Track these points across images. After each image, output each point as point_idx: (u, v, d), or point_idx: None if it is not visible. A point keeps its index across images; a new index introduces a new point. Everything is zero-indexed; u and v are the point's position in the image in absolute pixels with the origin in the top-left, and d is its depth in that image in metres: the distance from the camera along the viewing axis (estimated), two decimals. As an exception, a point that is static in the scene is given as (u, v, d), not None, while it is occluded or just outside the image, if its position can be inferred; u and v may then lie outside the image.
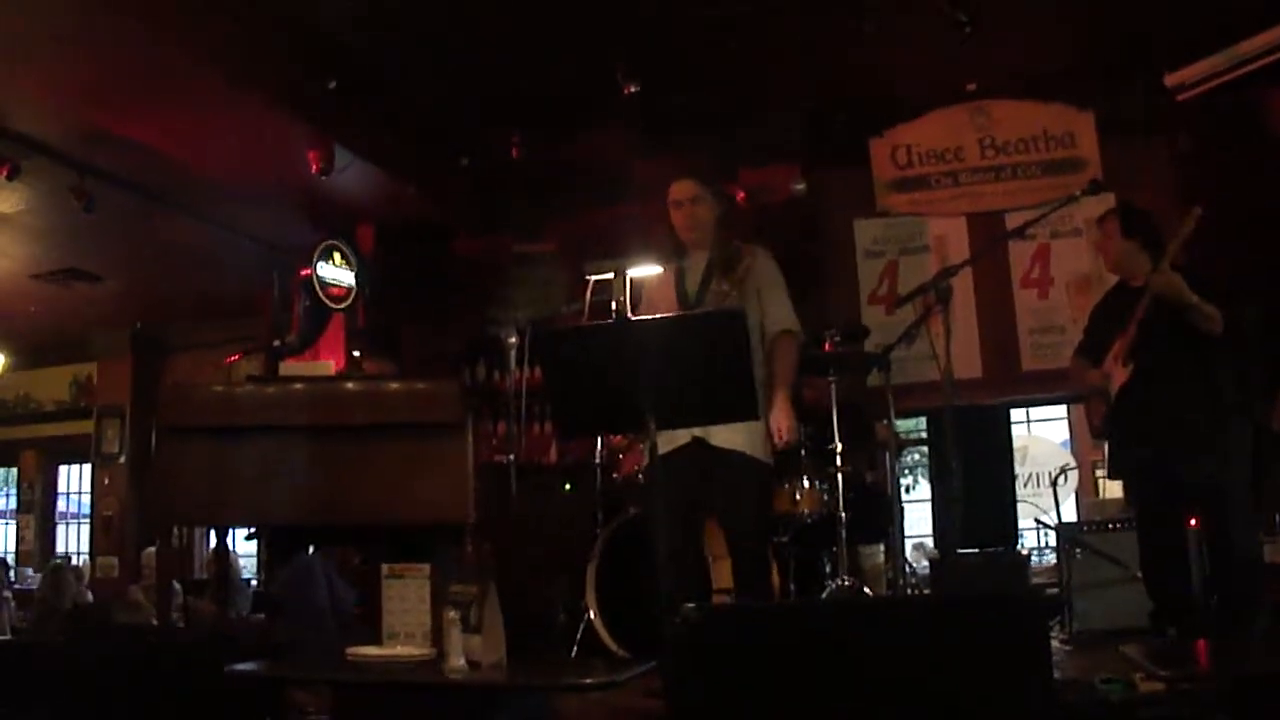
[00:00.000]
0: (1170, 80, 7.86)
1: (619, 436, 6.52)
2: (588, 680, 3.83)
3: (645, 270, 5.08)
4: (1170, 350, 5.23)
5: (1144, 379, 5.31)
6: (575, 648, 5.77)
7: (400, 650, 4.11)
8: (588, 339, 4.23)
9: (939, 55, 8.12)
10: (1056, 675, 4.01)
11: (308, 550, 6.33)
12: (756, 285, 5.06)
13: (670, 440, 4.78)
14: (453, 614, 3.83)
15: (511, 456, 5.60)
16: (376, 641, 4.23)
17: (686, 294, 5.08)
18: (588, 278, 5.16)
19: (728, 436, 4.76)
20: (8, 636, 9.55)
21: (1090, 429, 5.88)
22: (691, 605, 3.35)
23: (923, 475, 16.24)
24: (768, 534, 5.32)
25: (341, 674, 3.95)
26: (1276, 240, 7.67)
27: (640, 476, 6.27)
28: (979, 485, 6.93)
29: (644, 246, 5.18)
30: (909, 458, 14.87)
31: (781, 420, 4.84)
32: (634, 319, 4.63)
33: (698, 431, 4.78)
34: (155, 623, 6.97)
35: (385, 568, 4.30)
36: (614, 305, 4.87)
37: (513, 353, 5.33)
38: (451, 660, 3.77)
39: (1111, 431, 5.59)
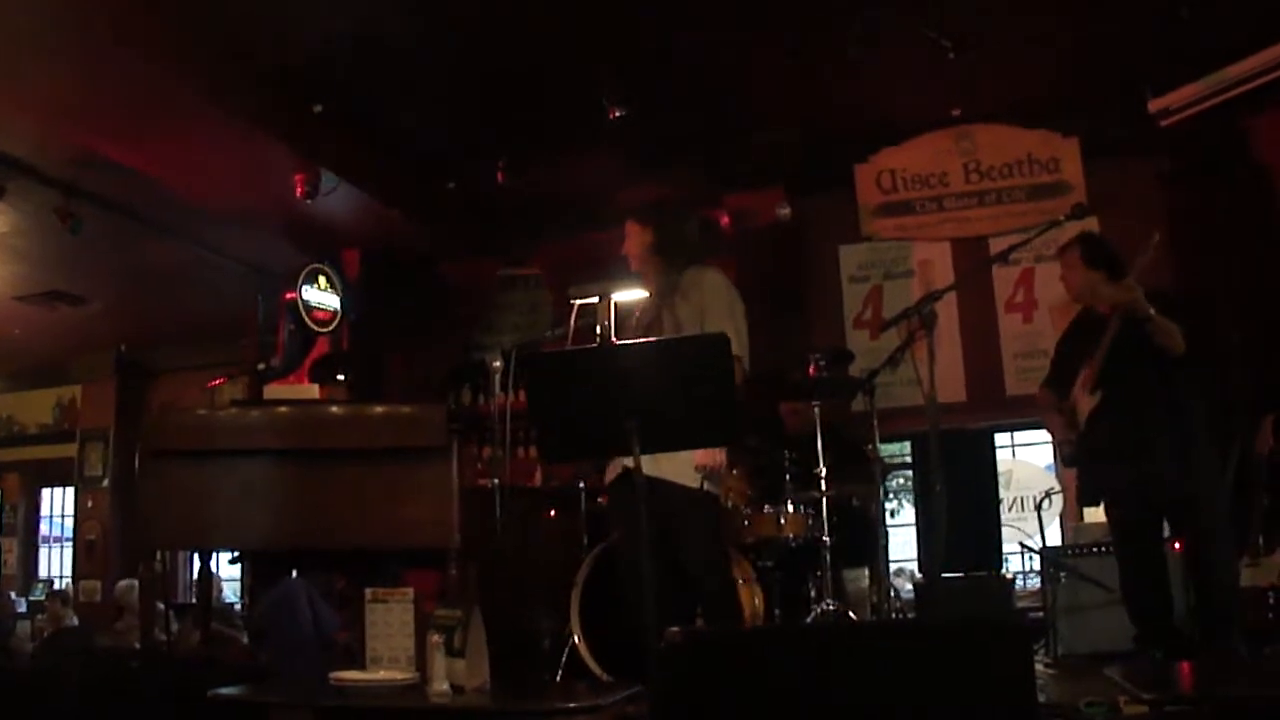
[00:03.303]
0: (1154, 106, 7.89)
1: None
2: (571, 705, 3.82)
3: (630, 294, 5.09)
4: (1137, 374, 5.26)
5: (1112, 404, 5.33)
6: (560, 671, 5.75)
7: (383, 675, 4.11)
8: (571, 363, 4.22)
9: (924, 81, 8.16)
10: (1040, 699, 4.00)
11: (291, 574, 6.30)
12: (700, 306, 5.01)
13: (610, 471, 4.83)
14: (436, 638, 3.83)
15: (496, 481, 5.59)
16: (360, 666, 4.23)
17: (634, 324, 5.15)
18: (572, 302, 5.16)
19: (652, 465, 4.67)
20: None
21: (1061, 457, 5.89)
22: (675, 629, 3.34)
23: (907, 500, 16.22)
24: (721, 558, 5.28)
25: (324, 699, 3.94)
26: (1258, 264, 7.72)
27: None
28: (963, 509, 6.95)
29: (628, 270, 5.19)
30: (894, 482, 14.84)
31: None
32: (618, 343, 4.63)
33: (627, 462, 4.76)
34: (138, 646, 6.95)
35: (369, 592, 4.30)
36: (598, 329, 4.87)
37: (497, 377, 5.32)
38: (435, 685, 3.77)
39: (1082, 458, 5.61)
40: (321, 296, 10.11)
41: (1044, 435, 13.35)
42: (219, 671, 4.83)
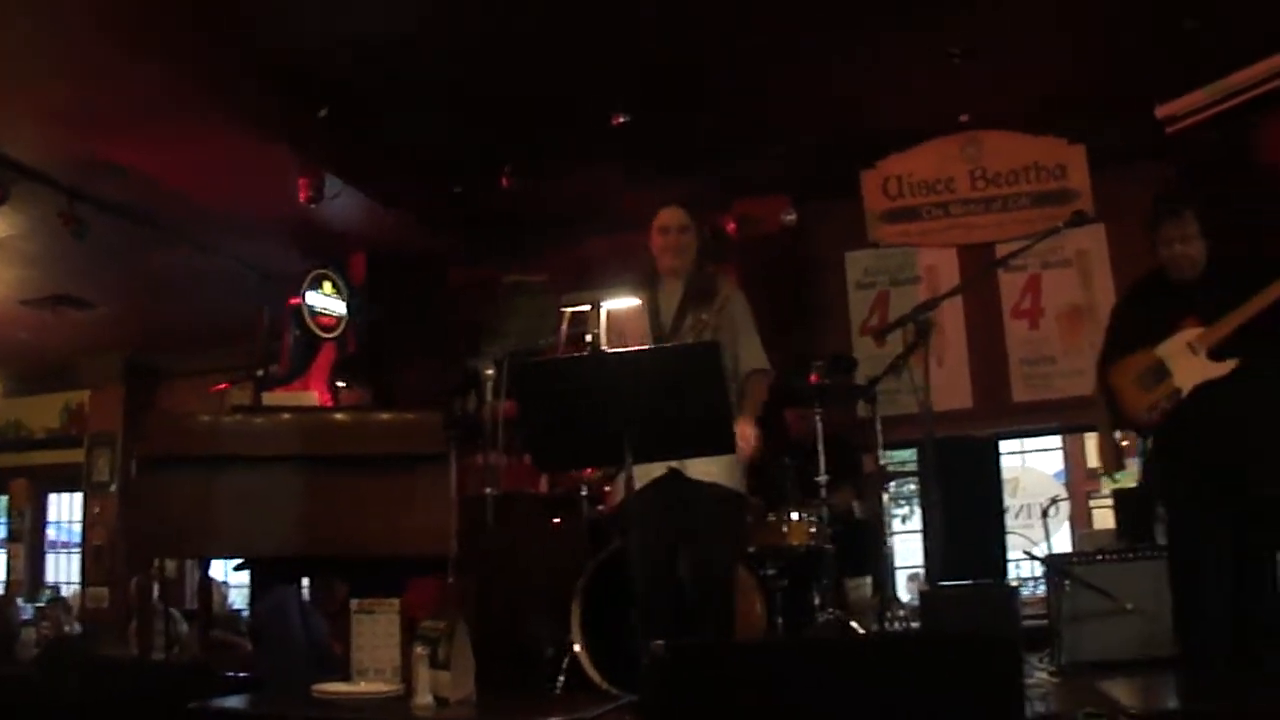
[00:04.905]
0: (1161, 112, 7.84)
1: (590, 470, 6.47)
2: (557, 717, 3.79)
3: (620, 303, 5.05)
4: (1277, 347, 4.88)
5: (1241, 376, 4.87)
6: (561, 681, 5.70)
7: (365, 686, 4.07)
8: (562, 371, 4.20)
9: (931, 88, 8.12)
10: (1041, 709, 3.97)
11: (287, 582, 6.27)
12: (733, 321, 5.01)
13: (646, 473, 4.74)
14: (421, 650, 3.79)
15: (489, 489, 5.55)
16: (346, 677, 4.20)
17: (661, 325, 5.02)
18: (563, 310, 5.14)
19: (704, 469, 4.72)
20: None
21: (1131, 421, 5.32)
22: (662, 643, 3.30)
23: (917, 506, 16.18)
24: (737, 564, 5.27)
25: (307, 710, 3.90)
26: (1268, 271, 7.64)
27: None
28: (968, 517, 6.88)
29: (619, 277, 5.15)
30: (904, 489, 14.82)
31: (744, 428, 4.76)
32: (609, 351, 4.60)
33: (674, 464, 4.74)
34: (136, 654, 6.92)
35: (354, 603, 4.27)
36: (589, 338, 4.83)
37: (489, 384, 5.29)
38: (419, 697, 3.73)
39: (1173, 427, 5.04)
40: (326, 301, 10.09)
41: (1054, 442, 13.33)
42: (213, 681, 4.79)
